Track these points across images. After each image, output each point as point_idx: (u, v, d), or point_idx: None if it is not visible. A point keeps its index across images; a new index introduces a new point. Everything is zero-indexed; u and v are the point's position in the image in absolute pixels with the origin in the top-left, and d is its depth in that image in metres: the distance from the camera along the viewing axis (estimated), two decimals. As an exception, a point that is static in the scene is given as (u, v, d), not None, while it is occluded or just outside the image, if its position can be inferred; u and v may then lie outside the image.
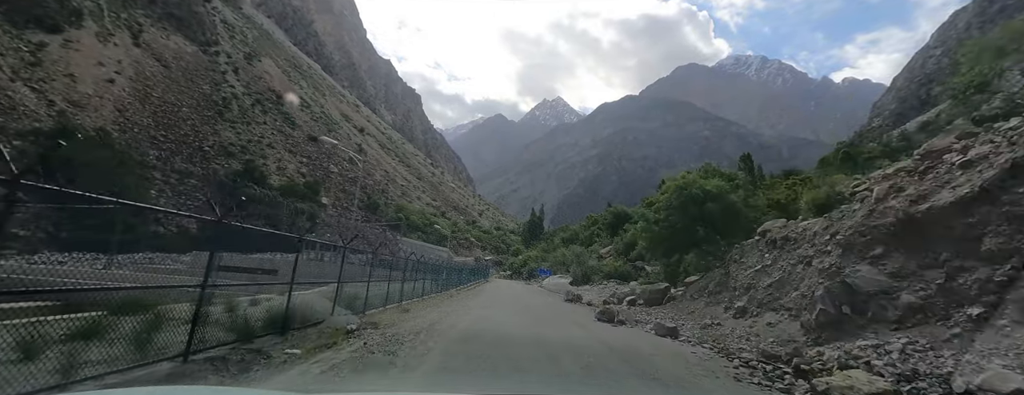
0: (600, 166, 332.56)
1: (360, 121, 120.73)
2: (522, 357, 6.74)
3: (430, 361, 6.06)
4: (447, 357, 6.43)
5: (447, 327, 9.48)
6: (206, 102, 70.08)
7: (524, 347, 7.55)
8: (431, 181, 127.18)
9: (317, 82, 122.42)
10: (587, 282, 27.72)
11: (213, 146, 60.33)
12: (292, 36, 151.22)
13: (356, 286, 10.67)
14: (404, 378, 5.14)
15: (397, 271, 15.15)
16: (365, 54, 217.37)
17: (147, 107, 57.98)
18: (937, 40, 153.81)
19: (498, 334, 8.87)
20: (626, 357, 7.38)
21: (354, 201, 47.10)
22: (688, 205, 16.52)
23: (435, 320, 10.95)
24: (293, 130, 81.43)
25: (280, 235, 9.38)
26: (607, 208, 48.99)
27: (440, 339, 7.83)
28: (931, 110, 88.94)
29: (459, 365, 6.03)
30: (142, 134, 52.74)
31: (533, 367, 6.18)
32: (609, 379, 5.82)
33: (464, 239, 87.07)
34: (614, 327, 11.33)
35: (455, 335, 8.46)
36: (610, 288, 23.32)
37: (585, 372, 6.07)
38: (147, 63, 68.19)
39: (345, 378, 4.95)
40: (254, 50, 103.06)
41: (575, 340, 8.74)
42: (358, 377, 5.06)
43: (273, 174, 63.68)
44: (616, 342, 8.79)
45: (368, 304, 10.78)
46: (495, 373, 5.69)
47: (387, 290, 12.24)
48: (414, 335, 8.18)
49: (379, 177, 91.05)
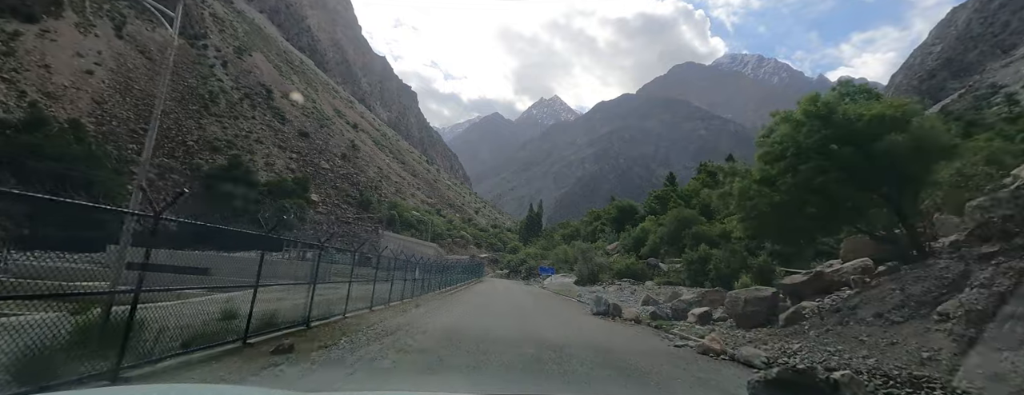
0: (597, 165, 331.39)
1: (354, 117, 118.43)
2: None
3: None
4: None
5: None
6: (192, 96, 67.76)
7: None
8: (426, 178, 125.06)
9: (310, 77, 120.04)
10: (594, 282, 25.51)
11: (198, 140, 58.07)
12: (285, 31, 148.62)
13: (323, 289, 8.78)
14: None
15: (381, 270, 13.29)
16: (360, 51, 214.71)
17: (127, 100, 55.67)
18: (935, 37, 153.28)
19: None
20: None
21: (345, 197, 45.09)
22: (838, 141, 9.32)
23: (400, 325, 9.06)
24: (283, 125, 79.17)
25: (246, 233, 7.65)
26: (611, 202, 46.84)
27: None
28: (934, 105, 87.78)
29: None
30: (121, 127, 50.46)
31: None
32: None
33: (459, 237, 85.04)
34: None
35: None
36: (627, 289, 20.56)
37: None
38: (130, 55, 65.82)
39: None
40: (244, 44, 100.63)
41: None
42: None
43: (261, 170, 61.50)
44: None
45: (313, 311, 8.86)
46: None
47: (347, 293, 10.33)
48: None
49: (372, 174, 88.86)
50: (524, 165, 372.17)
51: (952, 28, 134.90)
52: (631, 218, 32.72)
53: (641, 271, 23.72)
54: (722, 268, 15.43)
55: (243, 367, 5.09)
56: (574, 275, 29.03)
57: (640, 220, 30.60)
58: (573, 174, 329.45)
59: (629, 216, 33.82)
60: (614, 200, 47.07)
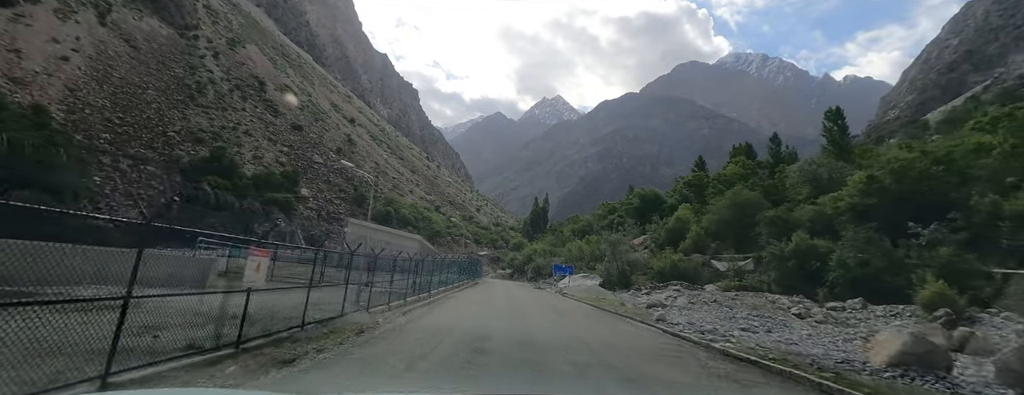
0: (600, 164, 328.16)
1: (351, 112, 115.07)
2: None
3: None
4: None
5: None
6: (177, 85, 64.43)
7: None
8: (426, 175, 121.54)
9: (306, 71, 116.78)
10: (626, 285, 20.13)
11: (180, 131, 54.67)
12: (282, 26, 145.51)
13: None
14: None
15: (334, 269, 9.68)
16: (360, 47, 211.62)
17: (105, 88, 52.31)
18: (949, 32, 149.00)
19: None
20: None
21: (337, 192, 41.55)
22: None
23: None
24: (276, 118, 75.78)
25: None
26: (630, 192, 42.33)
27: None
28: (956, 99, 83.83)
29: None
30: (95, 116, 47.09)
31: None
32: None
33: (459, 235, 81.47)
34: None
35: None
36: (695, 298, 14.05)
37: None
38: (112, 42, 62.50)
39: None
40: (238, 36, 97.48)
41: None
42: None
43: (248, 162, 58.05)
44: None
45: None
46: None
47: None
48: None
49: (369, 169, 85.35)
50: (527, 164, 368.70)
51: (969, 21, 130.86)
52: (657, 208, 28.29)
53: (694, 271, 18.50)
54: (853, 266, 10.81)
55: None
56: (596, 275, 23.67)
57: (668, 211, 26.17)
58: (576, 173, 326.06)
59: (655, 206, 29.29)
60: (632, 190, 42.73)
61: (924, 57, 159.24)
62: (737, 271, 15.64)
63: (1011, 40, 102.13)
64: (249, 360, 5.82)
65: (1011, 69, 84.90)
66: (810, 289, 11.38)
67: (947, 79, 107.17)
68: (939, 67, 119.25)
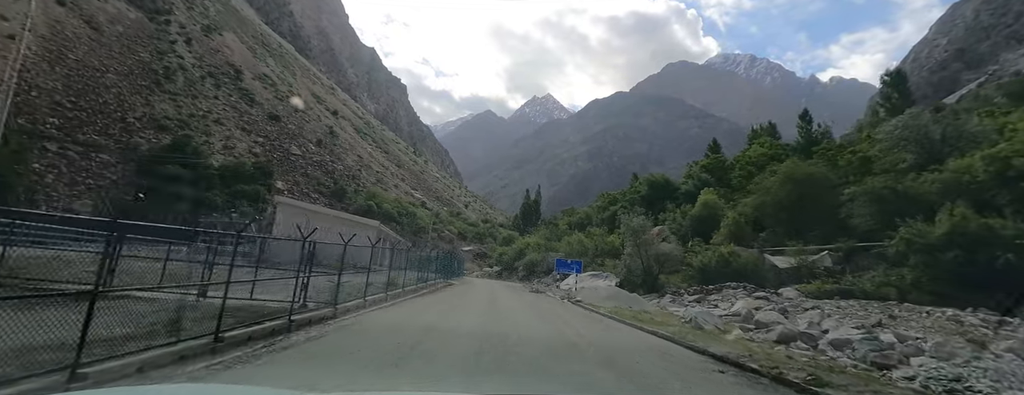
0: (590, 163, 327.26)
1: (334, 104, 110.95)
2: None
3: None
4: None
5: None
6: (143, 70, 60.15)
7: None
8: (412, 169, 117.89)
9: (288, 61, 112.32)
10: (654, 288, 15.83)
11: (141, 117, 50.64)
12: (264, 15, 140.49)
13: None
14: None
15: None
16: (347, 40, 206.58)
17: (57, 70, 48.07)
18: (937, 32, 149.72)
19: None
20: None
21: (315, 186, 38.12)
22: None
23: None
24: (251, 107, 71.73)
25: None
26: (635, 181, 39.04)
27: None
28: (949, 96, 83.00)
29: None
30: (42, 98, 42.96)
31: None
32: None
33: (445, 232, 78.24)
34: None
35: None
36: (826, 312, 9.34)
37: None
38: (70, 23, 58.01)
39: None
40: (215, 23, 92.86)
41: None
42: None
43: (218, 152, 54.20)
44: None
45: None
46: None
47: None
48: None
49: (351, 162, 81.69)
50: (517, 163, 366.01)
51: (958, 21, 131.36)
52: (670, 196, 24.79)
53: (754, 269, 14.58)
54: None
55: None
56: (609, 273, 19.74)
57: (682, 198, 22.85)
58: (566, 172, 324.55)
59: (666, 194, 25.75)
60: (636, 178, 39.59)
61: (912, 57, 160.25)
62: (809, 267, 12.21)
63: (1002, 38, 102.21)
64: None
65: (1005, 66, 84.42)
66: (977, 296, 7.85)
67: (939, 77, 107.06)
68: (930, 65, 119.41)
